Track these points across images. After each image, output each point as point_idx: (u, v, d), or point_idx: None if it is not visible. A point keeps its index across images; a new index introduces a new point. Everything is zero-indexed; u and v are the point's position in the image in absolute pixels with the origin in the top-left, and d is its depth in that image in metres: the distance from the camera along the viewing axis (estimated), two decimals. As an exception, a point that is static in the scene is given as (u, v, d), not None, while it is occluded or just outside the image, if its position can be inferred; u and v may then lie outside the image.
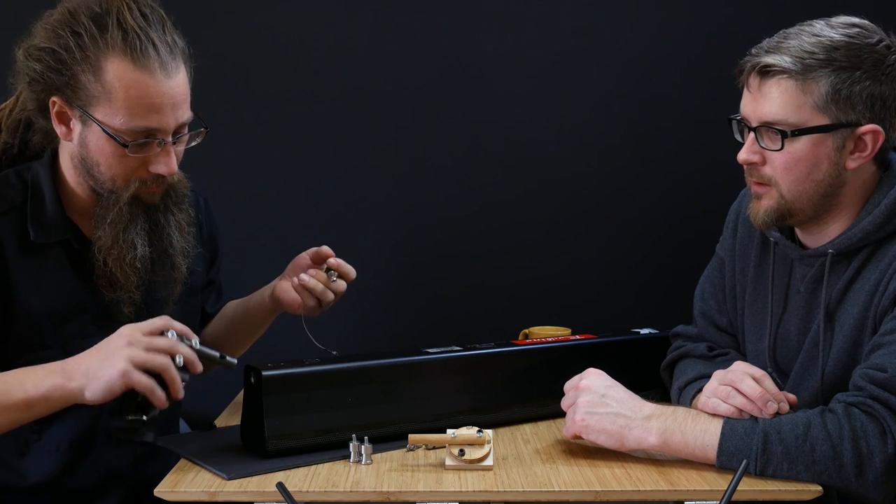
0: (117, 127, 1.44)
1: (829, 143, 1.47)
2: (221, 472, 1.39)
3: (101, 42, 1.43)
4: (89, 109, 1.45)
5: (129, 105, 1.43)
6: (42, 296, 1.50)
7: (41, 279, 1.50)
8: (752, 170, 1.54)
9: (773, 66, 1.46)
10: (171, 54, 1.46)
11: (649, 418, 1.44)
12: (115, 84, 1.43)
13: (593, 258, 2.53)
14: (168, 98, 1.46)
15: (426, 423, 1.54)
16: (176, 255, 1.57)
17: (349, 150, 2.49)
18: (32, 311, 1.49)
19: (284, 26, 2.44)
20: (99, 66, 1.43)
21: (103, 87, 1.43)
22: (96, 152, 1.47)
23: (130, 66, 1.43)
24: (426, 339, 1.81)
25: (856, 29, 1.47)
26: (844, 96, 1.45)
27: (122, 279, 1.52)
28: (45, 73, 1.46)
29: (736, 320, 1.72)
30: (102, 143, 1.46)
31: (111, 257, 1.50)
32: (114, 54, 1.43)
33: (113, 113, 1.44)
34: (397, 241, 2.52)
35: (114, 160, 1.47)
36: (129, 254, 1.50)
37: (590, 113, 2.50)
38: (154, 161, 1.49)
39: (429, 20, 2.47)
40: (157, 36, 1.45)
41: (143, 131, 1.45)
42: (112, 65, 1.43)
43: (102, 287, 1.53)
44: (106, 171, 1.49)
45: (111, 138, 1.45)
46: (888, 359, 1.39)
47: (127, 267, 1.51)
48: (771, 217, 1.53)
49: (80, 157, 1.50)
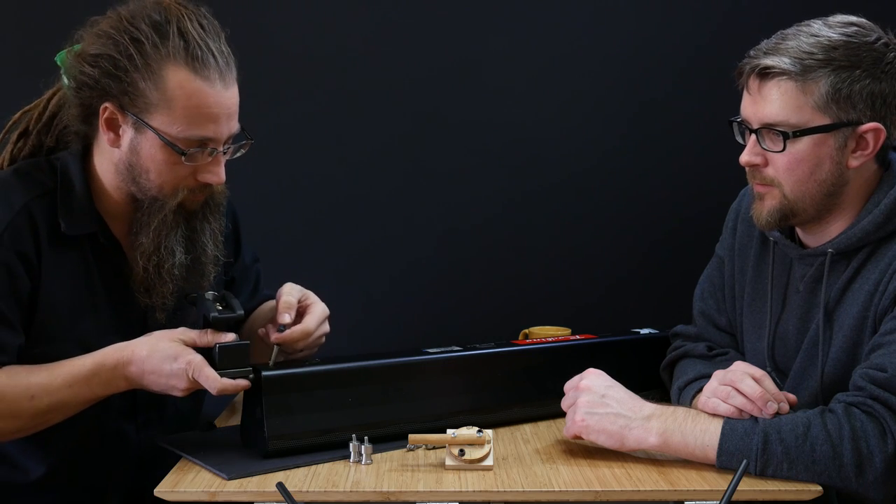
0: (174, 135, 1.45)
1: (830, 143, 1.47)
2: (221, 472, 1.39)
3: (163, 50, 1.44)
4: (145, 117, 1.45)
5: (188, 114, 1.44)
6: (65, 287, 1.51)
7: (66, 270, 1.51)
8: (755, 171, 1.53)
9: (773, 67, 1.46)
10: (227, 66, 1.48)
11: (649, 418, 1.44)
12: (176, 92, 1.44)
13: (593, 258, 2.53)
14: (225, 108, 1.47)
15: (426, 423, 1.54)
16: (207, 264, 1.57)
17: (349, 150, 2.49)
18: (55, 300, 1.50)
19: (288, 26, 2.44)
20: (160, 74, 1.44)
21: (163, 94, 1.44)
22: (148, 159, 1.48)
23: (191, 75, 1.44)
24: (426, 339, 1.81)
25: (854, 28, 1.47)
26: (845, 95, 1.45)
27: (159, 286, 1.52)
28: (101, 79, 1.45)
29: (735, 320, 1.72)
30: (156, 151, 1.47)
31: (152, 264, 1.51)
32: (175, 63, 1.44)
33: (171, 121, 1.45)
34: (397, 242, 2.52)
35: (165, 168, 1.48)
36: (168, 261, 1.51)
37: (590, 113, 2.51)
38: (204, 170, 1.50)
39: (430, 23, 2.47)
40: (215, 46, 1.47)
41: (198, 140, 1.46)
42: (173, 73, 1.44)
43: (138, 292, 1.54)
44: (155, 179, 1.49)
45: (167, 146, 1.46)
46: (888, 359, 1.39)
47: (165, 274, 1.52)
48: (774, 217, 1.52)
49: (127, 163, 1.49)
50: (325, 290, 2.47)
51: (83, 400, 1.46)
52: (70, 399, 1.45)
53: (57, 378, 1.44)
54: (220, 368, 1.43)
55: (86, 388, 1.45)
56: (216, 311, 1.46)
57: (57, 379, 1.44)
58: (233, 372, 1.45)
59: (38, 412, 1.44)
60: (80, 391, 1.45)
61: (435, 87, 2.48)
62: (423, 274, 2.52)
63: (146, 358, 1.43)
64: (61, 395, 1.44)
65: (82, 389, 1.45)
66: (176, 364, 1.43)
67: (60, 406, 1.45)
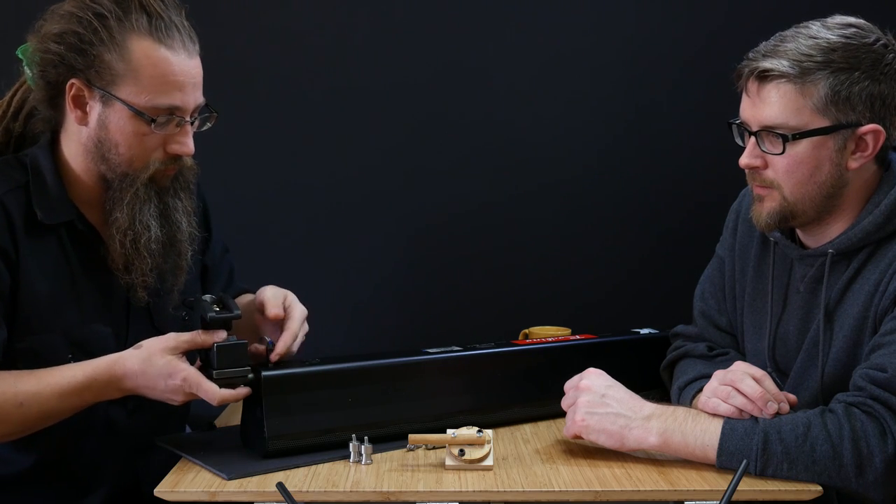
0: (142, 104, 1.47)
1: (830, 145, 1.47)
2: (221, 472, 1.39)
3: (126, 23, 1.47)
4: (112, 89, 1.47)
5: (155, 82, 1.47)
6: (45, 277, 1.51)
7: (45, 260, 1.51)
8: (754, 174, 1.53)
9: (771, 70, 1.46)
10: (189, 38, 1.51)
11: (649, 418, 1.44)
12: (143, 62, 1.46)
13: (593, 258, 2.53)
14: (190, 77, 1.50)
15: (426, 423, 1.54)
16: (183, 242, 1.58)
17: (350, 150, 2.49)
18: (37, 291, 1.50)
19: (286, 25, 2.44)
20: (125, 46, 1.46)
21: (129, 65, 1.46)
22: (117, 133, 1.49)
23: (156, 44, 1.47)
24: (426, 339, 1.81)
25: (852, 29, 1.47)
26: (844, 97, 1.44)
27: (137, 262, 1.53)
28: (66, 55, 1.48)
29: (735, 320, 1.72)
30: (125, 123, 1.48)
31: (128, 239, 1.52)
32: (139, 34, 1.47)
33: (138, 91, 1.47)
34: (398, 242, 2.52)
35: (134, 140, 1.49)
36: (144, 235, 1.52)
37: (590, 114, 2.51)
38: (172, 141, 1.52)
39: (430, 24, 2.47)
40: (177, 20, 1.50)
41: (166, 108, 1.48)
42: (137, 43, 1.46)
43: (117, 270, 1.54)
44: (125, 152, 1.50)
45: (136, 115, 1.47)
46: (888, 359, 1.39)
47: (143, 248, 1.53)
48: (774, 219, 1.52)
49: (96, 139, 1.50)
50: (325, 290, 2.49)
51: (74, 408, 1.47)
52: (61, 408, 1.45)
53: (46, 388, 1.44)
54: (218, 368, 1.44)
55: (77, 399, 1.45)
56: (213, 311, 1.46)
57: (46, 389, 1.44)
58: (232, 372, 1.45)
59: (26, 419, 1.44)
60: (71, 402, 1.45)
61: (435, 88, 2.47)
62: (423, 274, 2.52)
63: (139, 374, 1.44)
64: (51, 405, 1.44)
65: (73, 400, 1.45)
66: (171, 381, 1.43)
67: (50, 414, 1.45)
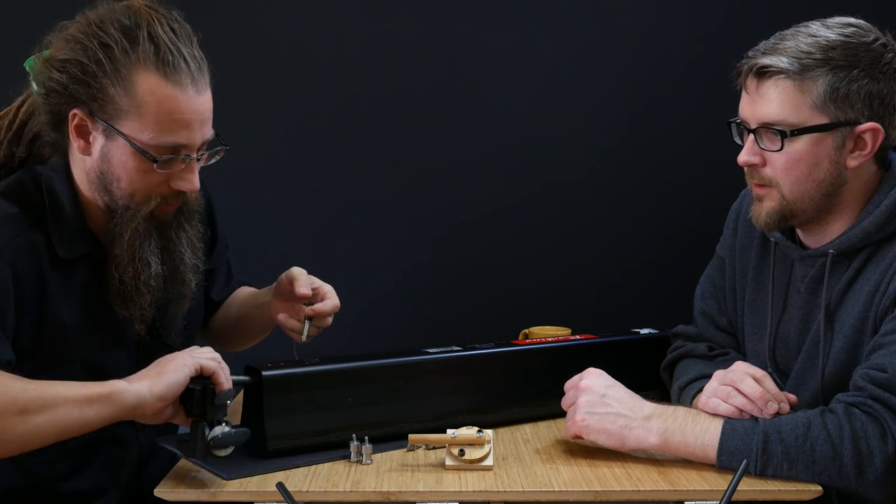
0: (146, 142, 1.41)
1: (828, 143, 1.47)
2: (221, 472, 1.39)
3: (133, 55, 1.40)
4: (116, 123, 1.42)
5: (160, 120, 1.41)
6: (71, 310, 1.48)
7: (70, 293, 1.48)
8: (753, 172, 1.53)
9: (770, 66, 1.46)
10: (199, 70, 1.45)
11: (649, 418, 1.44)
12: (147, 98, 1.40)
13: (593, 258, 2.53)
14: (197, 114, 1.44)
15: (426, 423, 1.54)
16: (186, 272, 1.55)
17: (350, 151, 2.49)
18: (63, 325, 1.47)
19: (289, 28, 2.45)
20: (130, 80, 1.40)
21: (133, 101, 1.40)
22: (119, 167, 1.44)
23: (163, 80, 1.40)
24: (426, 339, 1.81)
25: (852, 28, 1.47)
26: (843, 95, 1.44)
27: (136, 297, 1.49)
28: (69, 85, 1.42)
29: (736, 320, 1.72)
30: (126, 158, 1.43)
31: (127, 275, 1.48)
32: (146, 68, 1.40)
33: (142, 127, 1.41)
34: (398, 242, 2.52)
35: (137, 175, 1.44)
36: (143, 272, 1.48)
37: (591, 115, 2.51)
38: (177, 178, 1.46)
39: (431, 26, 2.47)
40: (187, 51, 1.43)
41: (170, 147, 1.43)
42: (144, 79, 1.40)
43: (116, 304, 1.51)
44: (126, 187, 1.45)
45: (138, 153, 1.42)
46: (889, 359, 1.39)
47: (142, 285, 1.49)
48: (773, 218, 1.52)
49: (98, 171, 1.46)
50: (325, 290, 2.48)
51: (88, 422, 1.38)
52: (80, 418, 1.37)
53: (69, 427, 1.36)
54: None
55: (90, 411, 1.37)
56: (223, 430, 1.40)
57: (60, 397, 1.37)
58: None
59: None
60: (85, 413, 1.36)
61: (435, 89, 2.48)
62: (423, 274, 2.53)
63: (151, 366, 1.40)
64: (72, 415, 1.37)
65: (87, 411, 1.37)
66: (168, 356, 1.41)
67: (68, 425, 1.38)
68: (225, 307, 1.86)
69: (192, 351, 1.40)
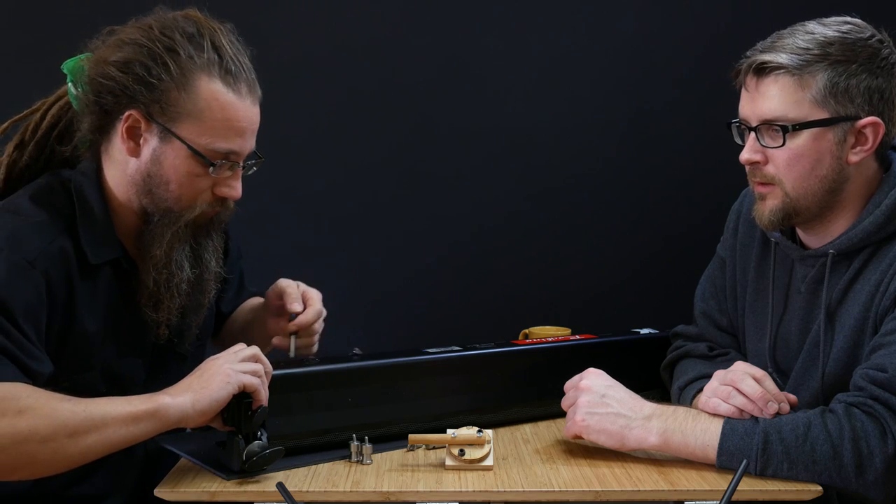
0: (202, 146, 1.44)
1: (829, 138, 1.47)
2: (221, 473, 1.39)
3: (199, 61, 1.43)
4: (173, 126, 1.44)
5: (218, 126, 1.44)
6: (95, 317, 1.47)
7: (95, 300, 1.48)
8: (755, 170, 1.53)
9: (770, 63, 1.46)
10: (254, 83, 1.49)
11: (650, 418, 1.44)
12: (210, 103, 1.43)
13: (593, 258, 2.53)
14: (251, 123, 1.48)
15: (426, 423, 1.54)
16: (209, 282, 1.56)
17: (351, 152, 2.49)
18: (87, 332, 1.46)
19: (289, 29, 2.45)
20: (194, 85, 1.43)
21: (195, 105, 1.43)
22: (170, 170, 1.45)
23: (224, 87, 1.44)
24: (426, 339, 1.81)
25: (848, 25, 1.48)
26: (842, 89, 1.45)
27: (167, 300, 1.50)
28: (131, 85, 1.43)
29: (736, 320, 1.72)
30: (180, 162, 1.45)
31: (162, 276, 1.49)
32: (209, 75, 1.43)
33: (200, 132, 1.43)
34: (398, 243, 2.52)
35: (187, 179, 1.46)
36: (177, 275, 1.49)
37: (591, 115, 2.51)
38: (223, 184, 1.49)
39: (432, 27, 2.47)
40: (245, 63, 1.48)
41: (224, 153, 1.46)
42: (207, 85, 1.43)
43: (146, 307, 1.51)
44: (175, 190, 1.46)
45: (194, 156, 1.44)
46: (889, 359, 1.39)
47: (174, 288, 1.50)
48: (777, 217, 1.52)
49: (146, 173, 1.46)
50: (325, 291, 2.48)
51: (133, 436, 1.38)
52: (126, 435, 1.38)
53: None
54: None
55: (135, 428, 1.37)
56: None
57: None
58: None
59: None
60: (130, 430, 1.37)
61: (437, 91, 2.48)
62: (423, 274, 2.53)
63: (192, 376, 1.40)
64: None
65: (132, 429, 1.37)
66: (206, 363, 1.41)
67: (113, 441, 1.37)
68: (233, 318, 1.85)
69: (235, 362, 1.40)
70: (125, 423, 1.32)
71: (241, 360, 1.41)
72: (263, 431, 1.41)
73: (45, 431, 1.28)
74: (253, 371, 1.40)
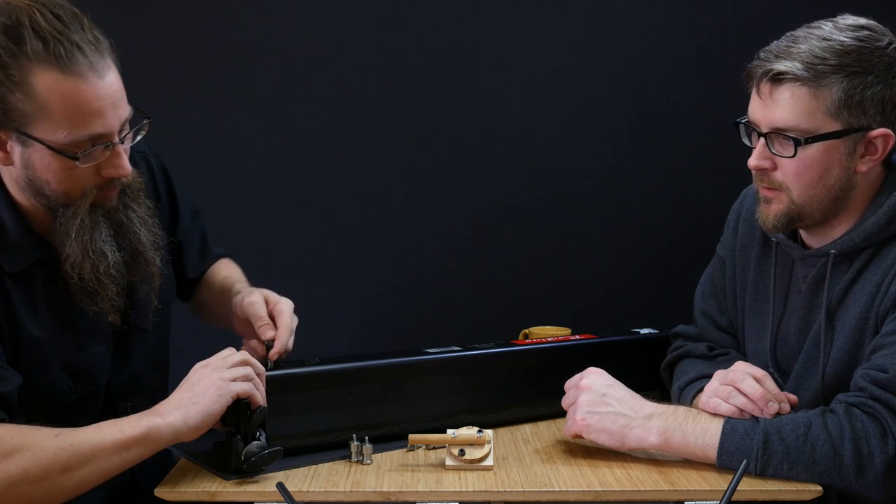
0: (61, 141, 1.35)
1: (840, 149, 1.46)
2: (221, 472, 1.39)
3: (22, 56, 1.31)
4: (27, 129, 1.34)
5: (69, 116, 1.33)
6: (39, 322, 1.44)
7: (34, 305, 1.44)
8: (763, 175, 1.51)
9: (786, 73, 1.43)
10: (97, 53, 1.35)
11: (650, 417, 1.44)
12: (49, 97, 1.32)
13: (594, 259, 2.53)
14: (107, 99, 1.36)
15: (426, 423, 1.54)
16: (147, 251, 1.51)
17: (351, 152, 2.49)
18: (35, 337, 1.44)
19: (290, 30, 2.44)
20: (26, 82, 1.31)
21: (36, 103, 1.32)
22: (43, 170, 1.38)
23: (60, 75, 1.32)
24: (426, 339, 1.81)
25: (865, 32, 1.44)
26: (857, 102, 1.43)
27: (100, 290, 1.46)
28: None
29: (736, 320, 1.72)
30: (48, 161, 1.37)
31: (85, 271, 1.44)
32: (39, 66, 1.31)
33: (53, 128, 1.34)
34: (398, 242, 2.52)
35: (64, 174, 1.38)
36: (101, 263, 1.44)
37: (591, 115, 2.51)
38: (106, 165, 1.41)
39: (433, 28, 2.47)
40: (78, 37, 1.33)
41: (88, 139, 1.36)
42: (40, 78, 1.31)
43: (83, 302, 1.47)
44: (58, 187, 1.40)
45: (58, 154, 1.35)
46: (889, 360, 1.39)
47: (103, 276, 1.44)
48: (781, 221, 1.52)
49: (25, 178, 1.40)
50: (325, 291, 2.49)
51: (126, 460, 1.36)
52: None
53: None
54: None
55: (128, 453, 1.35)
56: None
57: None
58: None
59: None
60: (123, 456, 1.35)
61: (437, 91, 2.48)
62: (423, 274, 2.52)
63: (180, 388, 1.37)
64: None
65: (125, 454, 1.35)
66: (195, 373, 1.39)
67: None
68: (207, 283, 1.80)
69: (224, 369, 1.37)
70: (116, 450, 1.30)
71: (230, 367, 1.38)
72: (262, 432, 1.40)
73: (35, 472, 1.26)
74: (244, 377, 1.38)
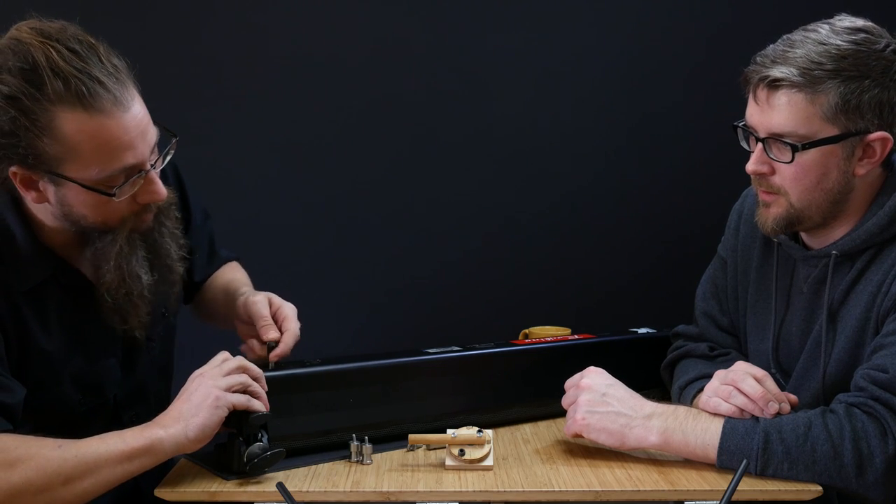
0: (94, 178, 1.34)
1: (838, 153, 1.46)
2: (221, 472, 1.39)
3: (45, 100, 1.29)
4: (59, 170, 1.33)
5: (99, 154, 1.33)
6: (51, 337, 1.44)
7: (47, 320, 1.44)
8: (761, 179, 1.51)
9: (782, 80, 1.43)
10: (119, 84, 1.33)
11: (650, 417, 1.44)
12: (77, 138, 1.31)
13: (593, 258, 2.53)
14: (134, 130, 1.35)
15: (426, 423, 1.54)
16: (174, 263, 1.53)
17: (351, 152, 2.49)
18: (46, 352, 1.44)
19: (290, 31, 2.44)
20: (52, 126, 1.30)
21: (64, 146, 1.31)
22: (79, 206, 1.38)
23: (85, 115, 1.30)
24: (426, 339, 1.82)
25: (862, 34, 1.44)
26: (854, 106, 1.42)
27: (132, 311, 1.47)
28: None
29: (738, 320, 1.72)
30: (84, 197, 1.37)
31: (121, 293, 1.45)
32: (63, 108, 1.29)
33: (85, 166, 1.33)
34: (398, 242, 2.52)
35: (101, 208, 1.39)
36: (136, 287, 1.45)
37: (591, 116, 2.51)
38: (141, 193, 1.41)
39: (433, 29, 2.47)
40: (98, 71, 1.31)
41: (121, 172, 1.36)
42: (65, 120, 1.30)
43: (113, 322, 1.48)
44: (95, 220, 1.40)
45: (93, 191, 1.35)
46: (890, 360, 1.39)
47: (136, 299, 1.46)
48: (780, 225, 1.52)
49: (61, 214, 1.40)
50: (325, 291, 2.49)
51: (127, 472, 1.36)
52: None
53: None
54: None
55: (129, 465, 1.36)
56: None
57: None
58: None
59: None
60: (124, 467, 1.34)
61: (437, 92, 2.48)
62: (423, 274, 2.52)
63: (177, 399, 1.37)
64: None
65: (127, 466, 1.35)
66: (192, 383, 1.39)
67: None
68: (210, 285, 1.81)
69: (220, 378, 1.37)
70: (119, 462, 1.30)
71: (226, 374, 1.38)
72: (264, 433, 1.40)
73: (39, 482, 1.26)
74: (241, 385, 1.38)
